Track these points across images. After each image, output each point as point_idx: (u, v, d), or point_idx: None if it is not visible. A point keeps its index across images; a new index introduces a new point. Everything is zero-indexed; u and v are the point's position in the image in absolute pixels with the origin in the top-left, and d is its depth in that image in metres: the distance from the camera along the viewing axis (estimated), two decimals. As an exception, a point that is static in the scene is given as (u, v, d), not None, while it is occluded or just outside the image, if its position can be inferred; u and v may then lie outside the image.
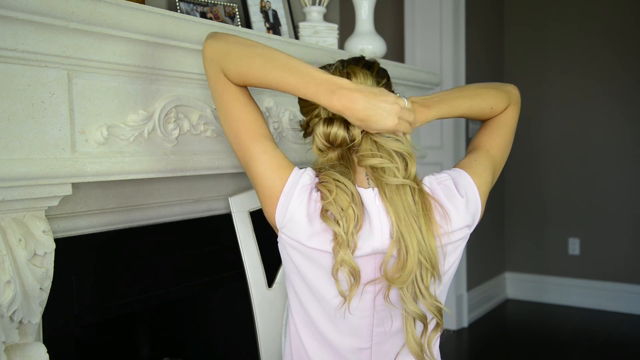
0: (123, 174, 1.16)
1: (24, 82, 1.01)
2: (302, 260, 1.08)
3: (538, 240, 4.18)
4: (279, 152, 1.11)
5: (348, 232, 1.01)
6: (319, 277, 1.07)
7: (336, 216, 1.02)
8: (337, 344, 1.11)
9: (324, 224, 1.04)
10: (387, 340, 1.12)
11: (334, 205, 1.02)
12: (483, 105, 1.24)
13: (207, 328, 1.87)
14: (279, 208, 1.07)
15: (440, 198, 1.09)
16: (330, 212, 1.03)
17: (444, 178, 1.12)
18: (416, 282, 1.03)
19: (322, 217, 1.03)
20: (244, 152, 1.11)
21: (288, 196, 1.06)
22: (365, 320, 1.09)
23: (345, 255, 1.01)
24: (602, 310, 3.92)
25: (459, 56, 3.66)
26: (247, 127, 1.11)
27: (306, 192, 1.06)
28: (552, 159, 4.11)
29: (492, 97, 1.25)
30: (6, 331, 1.02)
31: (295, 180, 1.07)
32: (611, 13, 3.89)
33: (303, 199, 1.05)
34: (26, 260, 1.03)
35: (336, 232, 1.01)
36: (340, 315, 1.08)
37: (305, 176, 1.08)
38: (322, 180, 1.07)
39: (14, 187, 0.99)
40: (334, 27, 1.88)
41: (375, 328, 1.10)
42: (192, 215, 1.48)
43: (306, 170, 1.09)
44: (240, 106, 1.12)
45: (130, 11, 1.09)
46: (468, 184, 1.13)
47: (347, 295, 1.04)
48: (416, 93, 2.10)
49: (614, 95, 3.91)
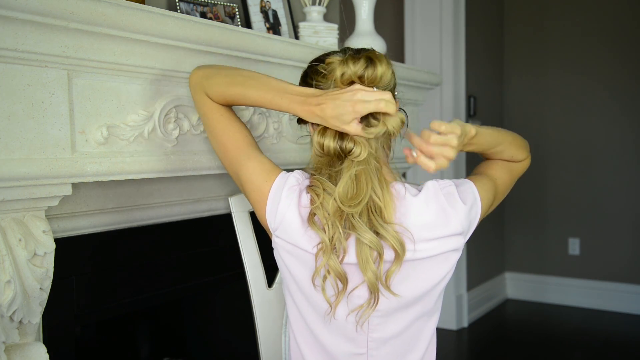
0: (123, 174, 1.16)
1: (24, 82, 1.01)
2: (295, 264, 1.08)
3: (538, 240, 4.18)
4: (264, 158, 1.15)
5: (334, 238, 1.01)
6: (310, 281, 1.07)
7: (322, 221, 1.02)
8: (332, 349, 1.11)
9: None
10: (383, 346, 1.11)
11: (320, 210, 1.03)
12: (507, 152, 1.25)
13: (207, 328, 1.87)
14: (269, 210, 1.09)
15: (440, 200, 1.09)
16: (317, 217, 1.03)
17: (447, 184, 1.12)
18: (372, 212, 1.02)
19: (309, 222, 1.03)
20: (232, 162, 1.16)
21: (276, 197, 1.08)
22: (360, 326, 1.09)
23: (331, 260, 1.01)
24: (602, 310, 3.92)
25: (459, 56, 3.66)
26: (232, 138, 1.17)
27: (294, 193, 1.07)
28: (552, 159, 4.11)
29: (516, 147, 1.27)
30: (6, 331, 1.02)
31: (282, 182, 1.09)
32: (611, 12, 3.89)
33: (292, 200, 1.06)
34: (26, 260, 1.03)
35: (321, 238, 1.02)
36: (331, 320, 1.08)
37: (292, 178, 1.09)
38: (312, 184, 1.08)
39: (14, 187, 0.99)
40: (334, 27, 1.88)
41: (370, 334, 1.10)
42: (192, 215, 1.48)
43: (293, 173, 1.11)
44: (225, 121, 1.18)
45: (130, 11, 1.09)
46: (472, 192, 1.13)
47: (333, 302, 1.04)
48: (416, 93, 2.10)
49: (615, 94, 3.91)
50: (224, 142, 1.17)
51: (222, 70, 1.19)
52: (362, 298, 1.06)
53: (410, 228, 1.05)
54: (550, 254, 4.14)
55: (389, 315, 1.09)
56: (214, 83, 1.16)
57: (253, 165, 1.13)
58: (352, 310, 1.07)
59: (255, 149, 1.16)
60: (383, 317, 1.09)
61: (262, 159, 1.14)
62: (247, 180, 1.13)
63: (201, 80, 1.18)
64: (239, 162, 1.14)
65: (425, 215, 1.07)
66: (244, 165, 1.14)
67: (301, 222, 1.05)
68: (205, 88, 1.17)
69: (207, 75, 1.17)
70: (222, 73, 1.17)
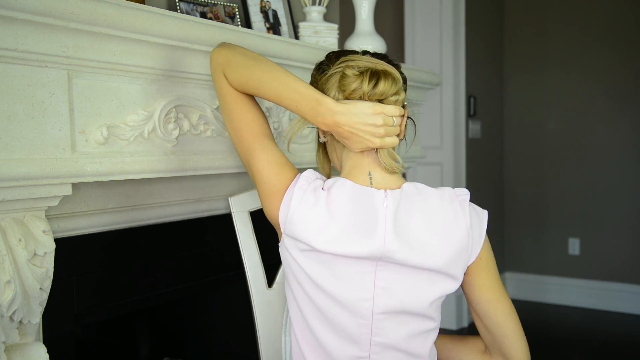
0: (123, 174, 1.16)
1: (24, 82, 1.01)
2: (305, 262, 1.08)
3: (538, 240, 4.18)
4: (278, 151, 1.15)
5: None
6: (326, 277, 1.07)
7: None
8: (334, 351, 1.11)
9: (332, 226, 1.04)
10: (385, 352, 1.10)
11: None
12: None
13: (207, 328, 1.87)
14: (282, 206, 1.09)
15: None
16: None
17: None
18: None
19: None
20: (245, 150, 1.16)
21: (289, 195, 1.08)
22: (363, 328, 1.09)
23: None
24: (602, 310, 3.92)
25: (459, 56, 3.66)
26: (248, 125, 1.16)
27: (305, 192, 1.07)
28: (552, 159, 4.11)
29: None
30: (6, 331, 1.02)
31: (297, 180, 1.10)
32: (611, 13, 3.89)
33: (305, 198, 1.07)
34: (26, 260, 1.02)
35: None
36: (335, 321, 1.09)
37: (302, 179, 1.10)
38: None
39: (14, 187, 0.99)
40: (334, 27, 1.88)
41: (373, 337, 1.09)
42: (192, 215, 1.48)
43: (306, 171, 1.12)
44: (242, 107, 1.17)
45: (130, 11, 1.09)
46: (482, 230, 1.13)
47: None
48: (416, 93, 2.10)
49: (615, 95, 3.91)
50: (240, 128, 1.17)
51: (244, 59, 1.16)
52: (369, 301, 1.08)
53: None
54: (550, 254, 4.14)
55: (392, 319, 1.09)
56: (234, 71, 1.15)
57: (266, 158, 1.13)
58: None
59: (271, 141, 1.16)
60: (386, 320, 1.09)
61: (277, 152, 1.14)
62: (257, 170, 1.13)
63: (222, 63, 1.17)
64: (252, 151, 1.14)
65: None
66: (257, 156, 1.14)
67: (315, 220, 1.05)
68: (225, 72, 1.16)
69: (229, 60, 1.16)
70: (243, 63, 1.15)
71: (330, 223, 1.04)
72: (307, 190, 1.08)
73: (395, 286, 1.07)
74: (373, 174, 1.11)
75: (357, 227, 1.04)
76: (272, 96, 1.12)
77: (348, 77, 1.07)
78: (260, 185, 1.13)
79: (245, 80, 1.14)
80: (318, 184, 1.09)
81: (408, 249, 1.04)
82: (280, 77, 1.11)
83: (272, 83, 1.11)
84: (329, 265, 1.06)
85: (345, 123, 1.04)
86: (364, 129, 1.04)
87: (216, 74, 1.19)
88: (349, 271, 1.06)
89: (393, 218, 1.05)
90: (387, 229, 1.04)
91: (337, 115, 1.04)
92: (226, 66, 1.16)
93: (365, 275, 1.06)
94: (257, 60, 1.15)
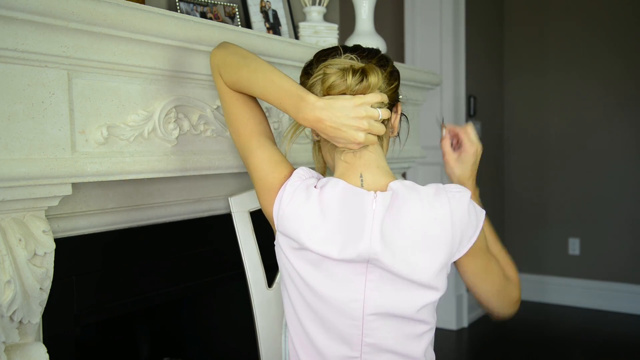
0: (123, 174, 1.16)
1: (24, 82, 1.01)
2: (296, 261, 1.08)
3: (538, 240, 4.18)
4: (275, 149, 1.17)
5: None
6: (317, 277, 1.07)
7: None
8: (326, 351, 1.11)
9: (323, 225, 1.04)
10: (377, 353, 1.10)
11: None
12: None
13: (207, 328, 1.87)
14: (276, 202, 1.10)
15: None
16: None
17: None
18: None
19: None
20: (243, 147, 1.18)
21: (282, 191, 1.09)
22: (354, 329, 1.09)
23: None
24: (602, 310, 3.92)
25: (459, 56, 3.66)
26: (245, 124, 1.18)
27: (298, 188, 1.08)
28: (552, 159, 4.11)
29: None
30: (6, 331, 1.02)
31: (292, 177, 1.11)
32: (612, 12, 3.89)
33: (297, 195, 1.08)
34: (26, 260, 1.02)
35: None
36: (327, 320, 1.09)
37: (295, 176, 1.11)
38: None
39: (14, 187, 0.99)
40: (334, 27, 1.88)
41: (364, 338, 1.09)
42: (192, 215, 1.48)
43: (299, 168, 1.13)
44: (240, 106, 1.19)
45: (130, 11, 1.09)
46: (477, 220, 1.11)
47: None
48: (416, 93, 2.10)
49: (615, 95, 3.91)
50: (237, 127, 1.19)
51: (235, 58, 1.18)
52: (360, 302, 1.08)
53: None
54: (550, 254, 4.14)
55: (383, 320, 1.08)
56: (227, 72, 1.18)
57: (262, 155, 1.14)
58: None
59: (268, 139, 1.18)
60: (377, 321, 1.08)
61: (273, 150, 1.16)
62: (254, 167, 1.15)
63: (218, 64, 1.20)
64: (250, 148, 1.16)
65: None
66: (254, 153, 1.15)
67: (305, 219, 1.05)
68: (221, 73, 1.19)
69: (223, 62, 1.19)
70: (234, 63, 1.17)
71: (321, 222, 1.04)
72: (300, 187, 1.08)
73: (385, 288, 1.07)
74: (365, 175, 1.11)
75: (345, 229, 1.04)
76: (259, 94, 1.14)
77: (329, 75, 1.08)
78: (257, 181, 1.15)
79: (236, 80, 1.16)
80: (311, 182, 1.10)
81: (392, 255, 1.03)
82: (267, 75, 1.12)
83: (259, 81, 1.12)
84: (319, 265, 1.06)
85: (327, 118, 1.04)
86: (346, 123, 1.04)
87: (214, 75, 1.22)
88: (339, 272, 1.06)
89: (380, 221, 1.04)
90: (374, 232, 1.03)
91: (318, 111, 1.04)
92: (221, 67, 1.19)
93: (356, 276, 1.06)
94: (247, 59, 1.16)
